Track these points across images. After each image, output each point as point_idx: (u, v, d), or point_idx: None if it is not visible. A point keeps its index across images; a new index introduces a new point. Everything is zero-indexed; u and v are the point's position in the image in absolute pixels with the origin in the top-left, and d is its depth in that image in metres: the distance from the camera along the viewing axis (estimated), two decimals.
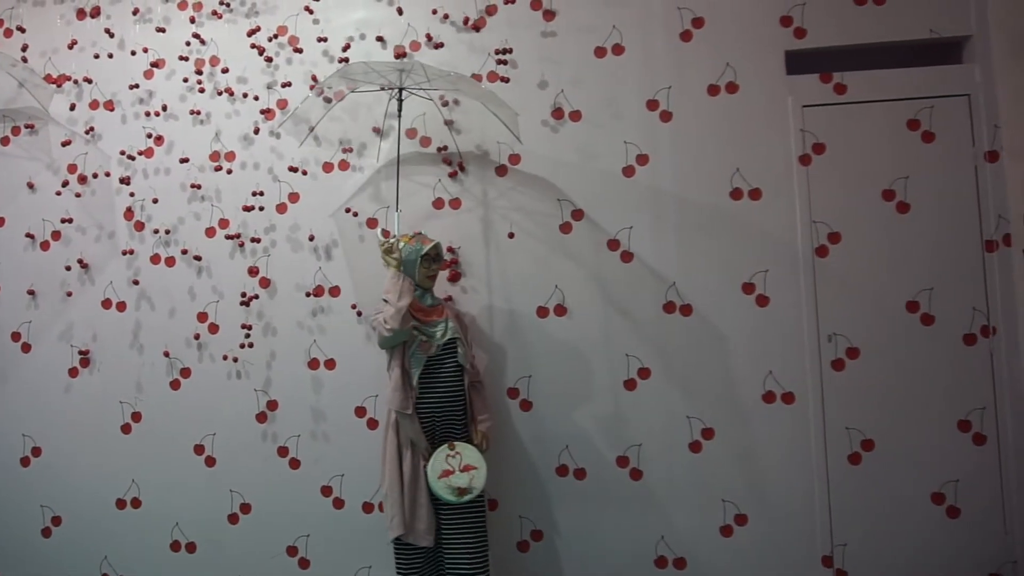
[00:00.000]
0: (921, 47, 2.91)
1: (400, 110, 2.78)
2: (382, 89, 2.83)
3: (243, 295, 3.08)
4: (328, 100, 3.02)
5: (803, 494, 2.77)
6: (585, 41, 3.00)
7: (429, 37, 3.05)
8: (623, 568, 2.85)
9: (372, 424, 3.01)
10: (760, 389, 2.82)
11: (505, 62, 3.00)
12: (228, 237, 3.12)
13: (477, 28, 3.04)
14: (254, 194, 3.11)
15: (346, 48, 3.07)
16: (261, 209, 3.11)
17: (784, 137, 2.88)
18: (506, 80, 2.98)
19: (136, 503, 3.13)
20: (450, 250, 3.00)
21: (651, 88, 2.96)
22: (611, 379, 2.90)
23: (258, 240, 3.10)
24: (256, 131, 3.13)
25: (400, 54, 3.06)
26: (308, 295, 3.05)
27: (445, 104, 3.02)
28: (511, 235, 2.97)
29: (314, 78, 3.11)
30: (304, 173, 3.10)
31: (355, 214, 3.07)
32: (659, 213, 2.93)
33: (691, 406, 2.85)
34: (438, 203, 3.03)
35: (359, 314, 3.04)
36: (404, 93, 2.77)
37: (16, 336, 3.25)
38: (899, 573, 2.71)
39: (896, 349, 2.76)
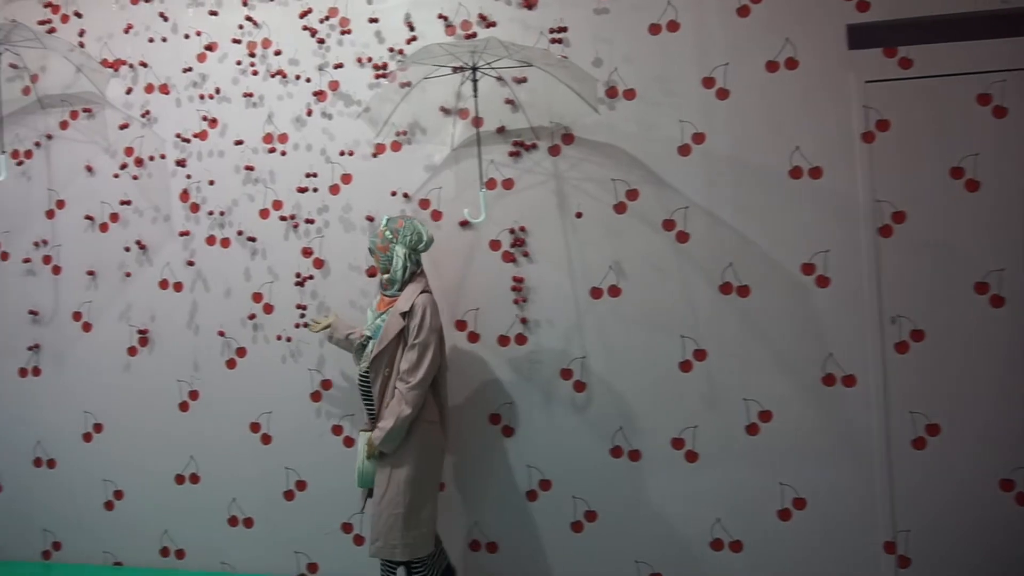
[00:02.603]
0: (991, 18, 2.80)
1: (475, 91, 2.76)
2: (455, 71, 2.81)
3: (297, 275, 3.12)
4: (404, 85, 2.98)
5: (864, 479, 2.72)
6: (639, 18, 2.95)
7: (482, 17, 3.02)
8: (678, 550, 2.83)
9: None
10: (820, 371, 2.76)
11: (560, 41, 2.96)
12: (282, 218, 3.16)
13: (530, 6, 3.00)
14: (307, 175, 3.14)
15: (411, 28, 3.06)
16: (315, 190, 3.14)
17: (846, 114, 2.80)
18: (565, 58, 2.95)
19: (195, 479, 3.20)
20: (511, 231, 2.99)
21: (707, 65, 2.90)
22: (666, 360, 2.87)
23: (312, 221, 3.13)
24: (309, 113, 3.15)
25: (470, 34, 3.04)
26: (367, 275, 3.07)
27: (519, 82, 2.98)
28: (579, 214, 2.94)
29: (368, 60, 3.11)
30: (350, 154, 3.11)
31: (406, 195, 3.08)
32: (715, 192, 2.88)
33: (748, 388, 2.81)
34: (491, 183, 3.02)
35: None
36: (478, 73, 2.75)
37: (77, 316, 3.33)
38: (965, 561, 2.65)
39: (963, 332, 2.68)
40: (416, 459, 2.54)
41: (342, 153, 3.11)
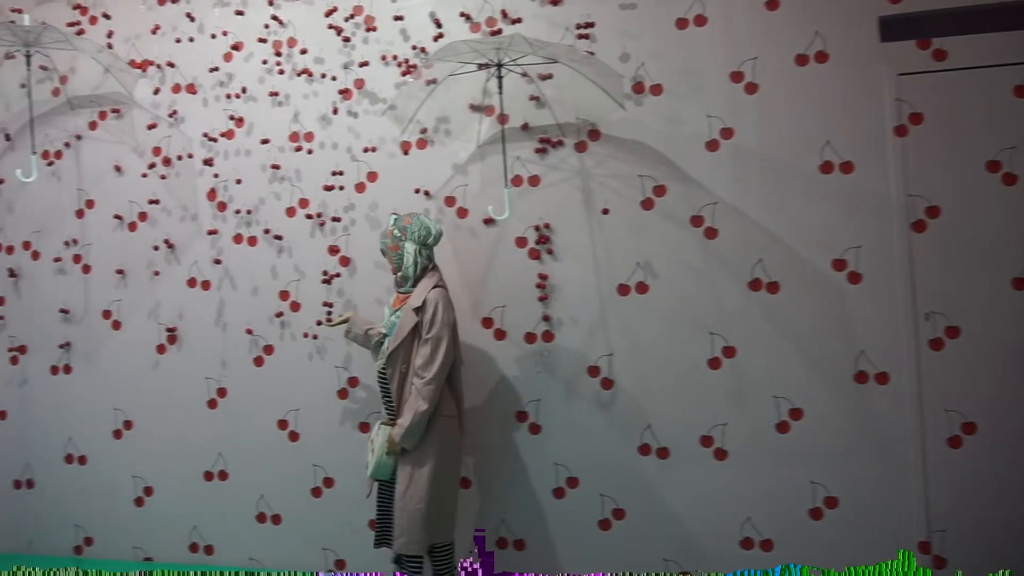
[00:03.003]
0: None
1: (500, 88, 2.75)
2: (480, 68, 2.81)
3: (324, 273, 3.13)
4: (430, 82, 2.99)
5: (898, 477, 2.68)
6: (666, 12, 2.92)
7: (505, 14, 3.01)
8: (707, 549, 2.81)
9: None
10: (852, 369, 2.73)
11: (586, 36, 2.95)
12: (308, 216, 3.17)
13: (555, 2, 2.98)
14: (333, 174, 3.15)
15: (438, 25, 3.05)
16: (341, 188, 3.15)
17: (878, 107, 2.75)
18: (591, 54, 2.93)
19: (223, 475, 3.23)
20: (536, 228, 2.98)
21: (735, 59, 2.87)
22: (694, 358, 2.85)
23: (338, 219, 3.14)
24: (335, 111, 3.16)
25: (495, 30, 3.03)
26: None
27: (544, 78, 2.97)
28: (606, 211, 2.93)
29: (393, 58, 3.11)
30: (370, 151, 3.12)
31: (427, 193, 3.07)
32: (744, 188, 2.85)
33: (778, 386, 2.78)
34: (516, 180, 3.01)
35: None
36: (503, 70, 2.75)
37: (107, 314, 3.37)
38: (1002, 562, 2.59)
39: (1000, 328, 2.63)
40: (436, 454, 2.56)
41: (366, 150, 3.12)
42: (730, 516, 2.80)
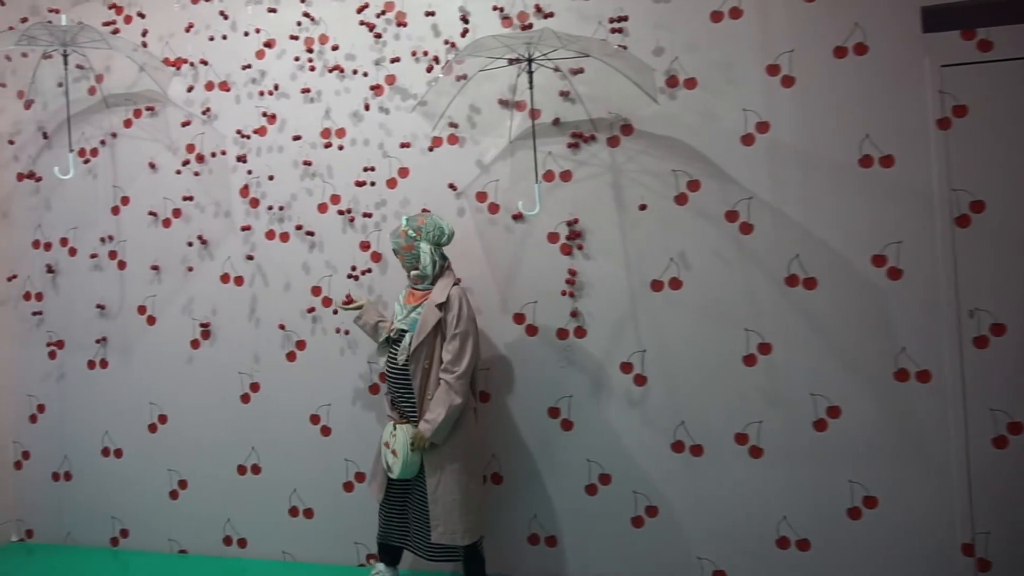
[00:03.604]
0: None
1: (531, 83, 2.74)
2: (510, 63, 2.80)
3: (353, 268, 3.14)
4: (460, 78, 2.99)
5: (940, 477, 2.62)
6: (700, 5, 2.88)
7: (538, 8, 2.99)
8: (742, 548, 2.78)
9: (483, 397, 3.02)
10: (892, 366, 2.68)
11: (620, 30, 2.92)
12: (340, 212, 3.19)
13: None
14: (365, 170, 3.16)
15: (464, 19, 3.04)
16: (372, 184, 3.16)
17: (920, 100, 2.69)
18: (623, 48, 2.91)
19: (256, 469, 3.26)
20: (568, 223, 2.97)
21: (771, 52, 2.83)
22: (729, 354, 2.81)
23: (369, 215, 3.15)
24: (367, 107, 3.17)
25: (527, 25, 3.02)
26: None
27: (575, 73, 2.95)
28: (643, 207, 2.90)
29: (424, 53, 3.11)
30: (420, 147, 3.12)
31: (455, 187, 3.07)
32: (780, 183, 2.80)
33: (815, 383, 2.74)
34: (548, 176, 3.00)
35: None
36: (534, 65, 2.73)
37: (142, 309, 3.42)
38: None
39: None
40: (464, 446, 2.62)
41: (402, 146, 3.12)
42: (765, 515, 2.77)
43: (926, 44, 2.70)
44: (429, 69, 3.09)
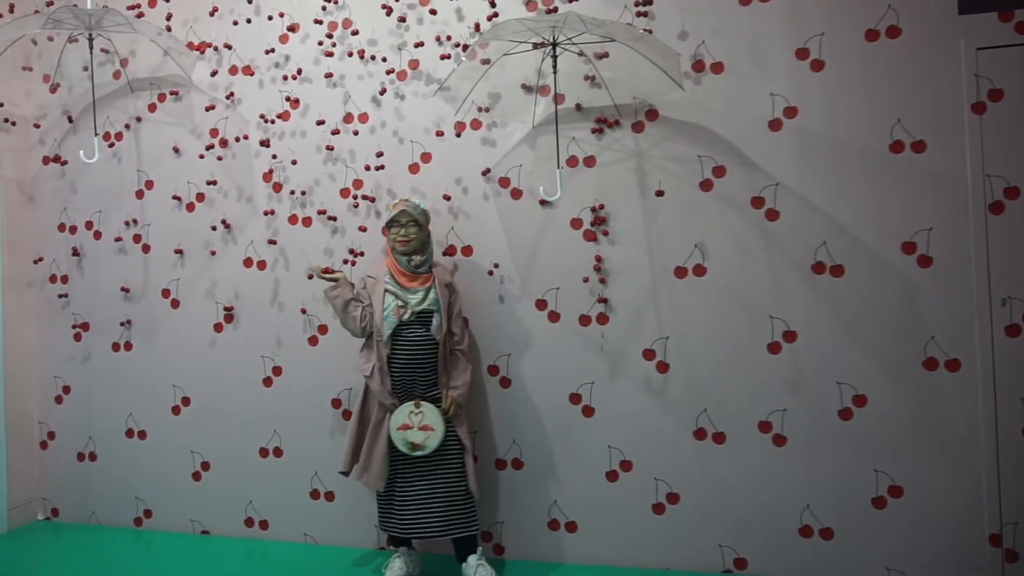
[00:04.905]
0: None
1: (555, 67, 2.72)
2: (534, 47, 2.77)
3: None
4: (484, 62, 2.97)
5: (968, 467, 2.59)
6: None
7: None
8: (765, 536, 2.77)
9: (504, 383, 3.02)
10: (920, 355, 2.64)
11: (645, 14, 2.89)
12: (363, 197, 3.19)
13: None
14: (378, 154, 3.15)
15: (492, 5, 3.01)
16: (394, 169, 3.15)
17: (954, 84, 2.64)
18: (648, 32, 2.87)
19: (278, 452, 3.29)
20: (593, 209, 2.95)
21: (801, 36, 2.78)
22: (753, 342, 2.79)
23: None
24: (382, 91, 3.15)
25: (551, 8, 2.99)
26: (443, 254, 3.09)
27: (600, 57, 2.92)
28: (659, 193, 2.88)
29: (447, 38, 3.09)
30: (439, 134, 3.11)
31: (485, 172, 3.06)
32: (808, 168, 2.76)
33: (841, 371, 2.71)
34: (572, 161, 2.98)
35: (489, 274, 3.05)
36: (558, 49, 2.71)
37: (166, 292, 3.45)
38: None
39: None
40: (465, 429, 2.80)
41: (438, 133, 3.11)
42: (789, 503, 2.75)
43: (961, 26, 2.64)
44: (444, 57, 3.07)
